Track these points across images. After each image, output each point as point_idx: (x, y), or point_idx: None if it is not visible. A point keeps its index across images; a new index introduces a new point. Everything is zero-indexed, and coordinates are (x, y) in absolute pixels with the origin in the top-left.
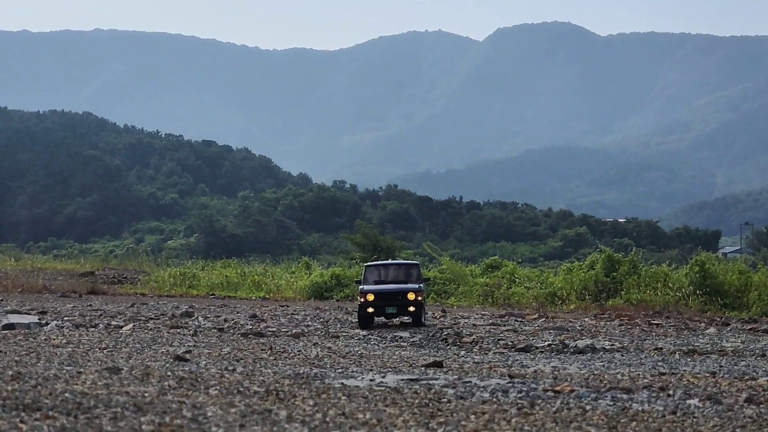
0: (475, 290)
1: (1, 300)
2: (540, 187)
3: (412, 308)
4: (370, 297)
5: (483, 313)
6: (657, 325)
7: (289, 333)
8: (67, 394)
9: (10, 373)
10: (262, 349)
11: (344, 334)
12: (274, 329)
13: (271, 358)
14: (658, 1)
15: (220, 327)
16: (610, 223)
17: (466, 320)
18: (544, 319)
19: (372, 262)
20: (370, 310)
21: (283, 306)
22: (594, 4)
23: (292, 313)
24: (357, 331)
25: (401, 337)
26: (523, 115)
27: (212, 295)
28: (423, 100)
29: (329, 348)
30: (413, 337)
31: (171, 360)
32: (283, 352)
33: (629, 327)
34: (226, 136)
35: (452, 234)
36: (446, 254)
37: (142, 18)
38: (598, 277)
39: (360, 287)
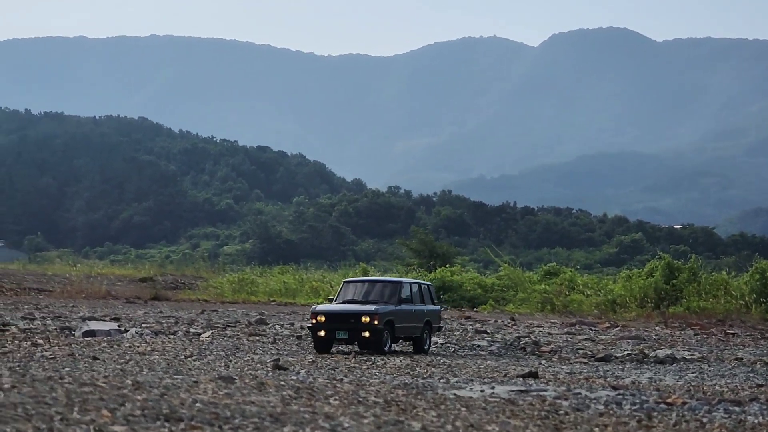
0: (534, 297)
1: (73, 306)
2: (594, 192)
3: (366, 334)
4: (321, 318)
5: (552, 321)
6: (733, 334)
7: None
8: (198, 404)
9: (129, 381)
10: (345, 358)
11: None
12: None
13: (364, 366)
14: (714, 6)
15: (298, 335)
16: (665, 229)
17: (540, 329)
18: (618, 328)
19: (351, 278)
20: (322, 333)
21: None
22: (651, 10)
23: None
24: (434, 338)
25: (479, 346)
26: (577, 120)
27: (273, 301)
28: (476, 105)
29: (411, 356)
30: (491, 346)
31: (270, 369)
32: (367, 361)
33: (705, 336)
34: (280, 142)
35: (507, 240)
36: (501, 260)
37: (198, 24)
38: (657, 284)
39: (312, 307)
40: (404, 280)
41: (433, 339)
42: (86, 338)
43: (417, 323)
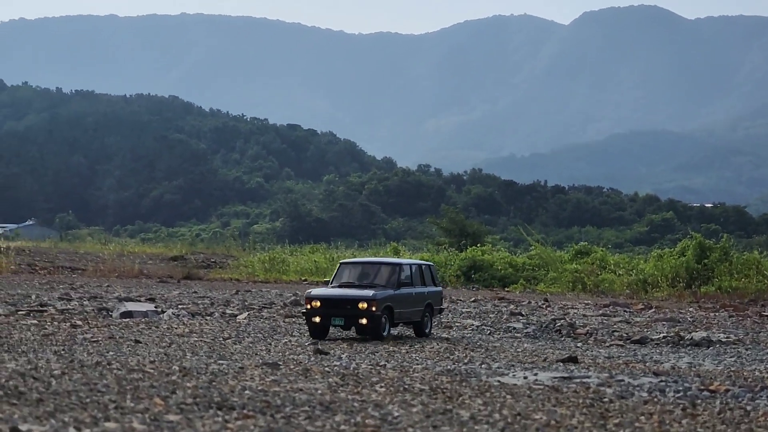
0: (565, 276)
1: (107, 285)
2: (625, 171)
3: (363, 321)
4: (316, 304)
5: (586, 302)
6: None
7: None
8: (248, 392)
9: (176, 367)
10: (384, 339)
11: (457, 324)
12: None
13: (403, 350)
14: None
15: None
16: (697, 208)
17: (575, 311)
18: (652, 310)
19: (348, 259)
20: (317, 319)
21: None
22: None
23: None
24: (469, 321)
25: (514, 328)
26: (608, 99)
27: (305, 280)
28: (507, 84)
29: (447, 339)
30: (527, 328)
31: (311, 354)
32: (404, 344)
33: (740, 318)
34: (311, 120)
35: (537, 218)
36: (533, 238)
37: (228, 2)
38: (689, 264)
39: (307, 291)
40: (404, 261)
41: (469, 321)
42: (124, 319)
43: (417, 307)
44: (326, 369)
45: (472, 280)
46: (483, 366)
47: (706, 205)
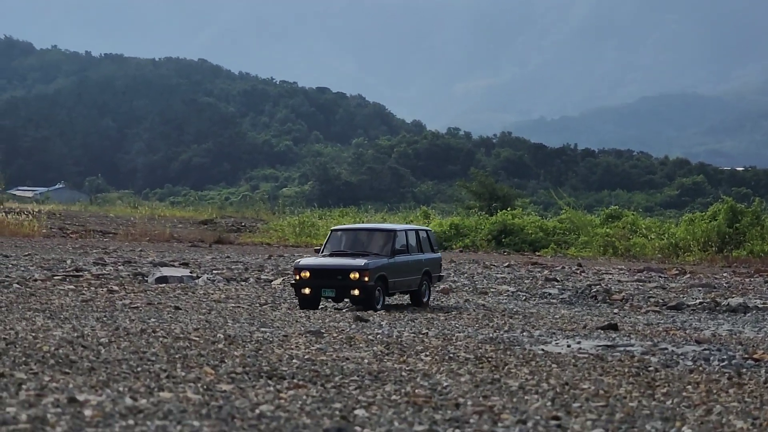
0: (596, 241)
1: (141, 250)
2: (655, 135)
3: (355, 291)
4: (306, 274)
5: (620, 267)
6: None
7: (438, 289)
8: (295, 361)
9: (221, 335)
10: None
11: (492, 290)
12: None
13: (442, 317)
14: None
15: None
16: (727, 171)
17: (609, 276)
18: (687, 276)
19: (340, 226)
20: (307, 291)
21: None
22: None
23: None
24: (504, 287)
25: (550, 294)
26: (638, 62)
27: None
28: (536, 46)
29: (484, 306)
30: (562, 294)
31: (351, 321)
32: (440, 309)
33: None
34: (339, 83)
35: (567, 182)
36: (564, 201)
37: None
38: (720, 228)
39: (296, 261)
40: (399, 227)
41: (504, 287)
42: (159, 285)
43: (414, 275)
44: (369, 337)
45: (503, 245)
46: (524, 334)
47: (737, 168)
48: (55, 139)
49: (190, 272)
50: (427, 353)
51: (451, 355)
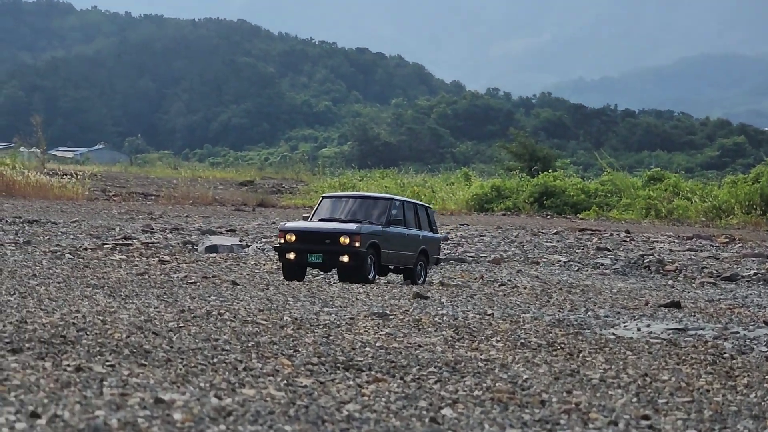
0: (638, 203)
1: (186, 216)
2: (696, 95)
3: (345, 258)
4: (291, 238)
5: (668, 234)
6: None
7: (489, 259)
8: (368, 349)
9: (287, 318)
10: (474, 278)
11: (544, 260)
12: (473, 254)
13: (500, 293)
14: None
15: None
16: None
17: (660, 245)
18: (739, 244)
19: (331, 193)
20: (291, 256)
21: (462, 225)
22: None
23: (481, 235)
24: (556, 257)
25: (602, 264)
26: (680, 21)
27: None
28: (576, 6)
29: (537, 278)
30: (614, 264)
31: (411, 299)
32: (494, 282)
33: None
34: (378, 43)
35: (606, 142)
36: (606, 161)
37: None
38: (764, 190)
39: (281, 224)
40: (396, 197)
41: (556, 257)
42: (210, 254)
43: (410, 251)
44: (436, 320)
45: (545, 207)
46: (590, 314)
47: None
48: (95, 99)
49: (239, 240)
50: (498, 338)
51: (523, 340)
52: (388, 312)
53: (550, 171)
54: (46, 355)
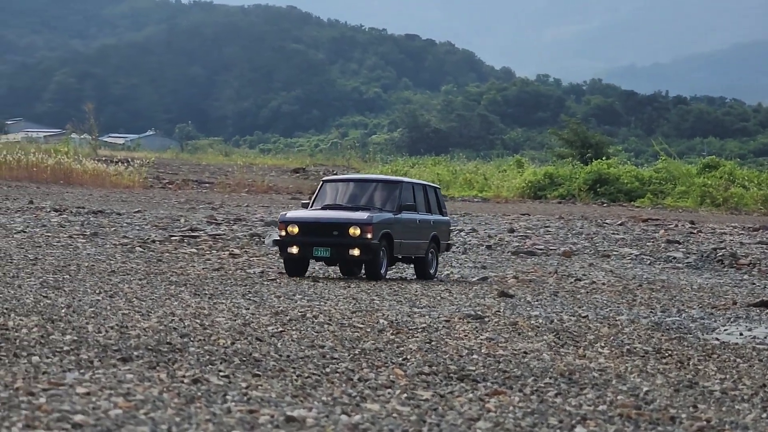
0: (694, 191)
1: (247, 206)
2: (748, 82)
3: (355, 252)
4: (293, 230)
5: (733, 224)
6: None
7: (559, 251)
8: (475, 356)
9: (383, 321)
10: (549, 273)
11: (614, 253)
12: (542, 247)
13: (583, 291)
14: None
15: (488, 244)
16: None
17: (730, 237)
18: None
19: (333, 176)
20: (294, 250)
21: (523, 214)
22: None
23: (545, 225)
24: (627, 250)
25: (674, 258)
26: (732, 7)
27: None
28: None
29: (612, 272)
30: (687, 258)
31: (496, 297)
32: (569, 276)
33: None
34: (428, 29)
35: (658, 129)
36: (660, 147)
37: None
38: None
39: (281, 214)
40: (405, 179)
41: (626, 250)
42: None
43: (422, 239)
44: (532, 322)
45: (598, 194)
46: (683, 316)
47: None
48: (145, 86)
49: None
50: (602, 344)
51: (628, 346)
52: (480, 314)
53: (603, 158)
54: (157, 364)
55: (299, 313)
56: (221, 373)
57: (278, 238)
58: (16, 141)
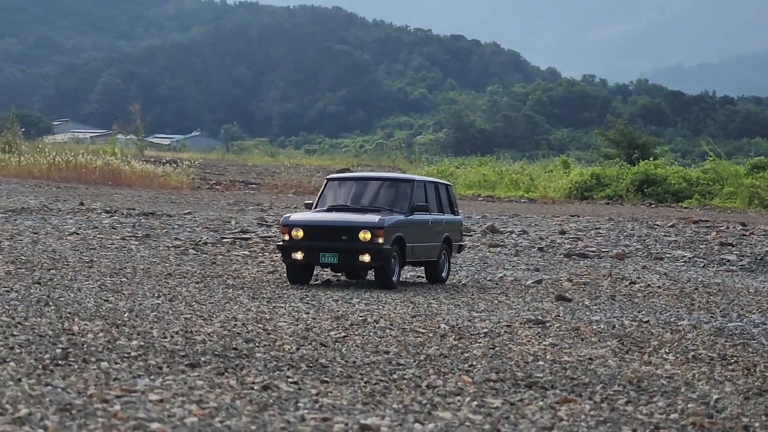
0: (742, 192)
1: (295, 207)
2: None
3: (365, 258)
4: (298, 234)
5: None
6: None
7: (611, 254)
8: (540, 363)
9: (444, 326)
10: (603, 276)
11: (667, 255)
12: (594, 249)
13: (639, 296)
14: None
15: (539, 246)
16: None
17: None
18: None
19: (338, 174)
20: (299, 256)
21: (573, 216)
22: None
23: (596, 228)
24: (679, 252)
25: (728, 261)
26: None
27: (478, 196)
28: None
29: (665, 275)
30: (741, 260)
31: (554, 301)
32: (623, 279)
33: None
34: (473, 30)
35: (705, 130)
36: (709, 147)
37: None
38: None
39: (284, 216)
40: (417, 177)
41: (679, 252)
42: None
43: (434, 241)
44: (593, 327)
45: (645, 195)
46: (745, 321)
47: None
48: (191, 87)
49: None
50: (667, 350)
51: (693, 352)
52: (541, 318)
53: (651, 159)
54: (225, 370)
55: (360, 318)
56: (290, 380)
57: (281, 243)
58: (63, 142)
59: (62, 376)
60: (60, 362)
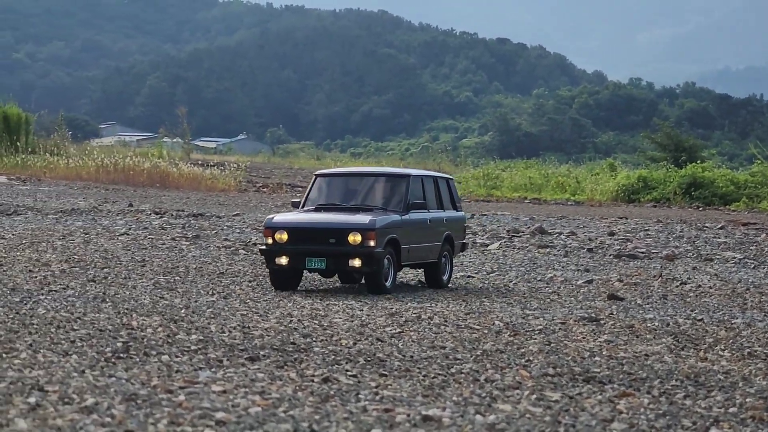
0: None
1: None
2: None
3: (356, 263)
4: (282, 237)
5: None
6: None
7: (661, 255)
8: (597, 358)
9: (499, 323)
10: (653, 276)
11: (717, 256)
12: (643, 250)
13: (691, 293)
14: None
15: (589, 247)
16: None
17: None
18: None
19: (327, 170)
20: (283, 261)
21: (621, 218)
22: None
23: (644, 229)
24: (730, 253)
25: (763, 262)
26: None
27: (525, 198)
28: None
29: (716, 276)
30: None
31: (606, 299)
32: (674, 280)
33: None
34: (518, 33)
35: (752, 133)
36: (758, 150)
37: None
38: None
39: (267, 218)
40: (413, 172)
41: (729, 254)
42: None
43: (434, 241)
44: (648, 325)
45: (693, 198)
46: None
47: None
48: (237, 90)
49: None
50: (722, 347)
51: (748, 349)
52: (594, 316)
53: (698, 162)
54: (284, 363)
55: (414, 315)
56: (349, 373)
57: (264, 246)
58: (110, 144)
59: (125, 368)
60: (121, 355)
